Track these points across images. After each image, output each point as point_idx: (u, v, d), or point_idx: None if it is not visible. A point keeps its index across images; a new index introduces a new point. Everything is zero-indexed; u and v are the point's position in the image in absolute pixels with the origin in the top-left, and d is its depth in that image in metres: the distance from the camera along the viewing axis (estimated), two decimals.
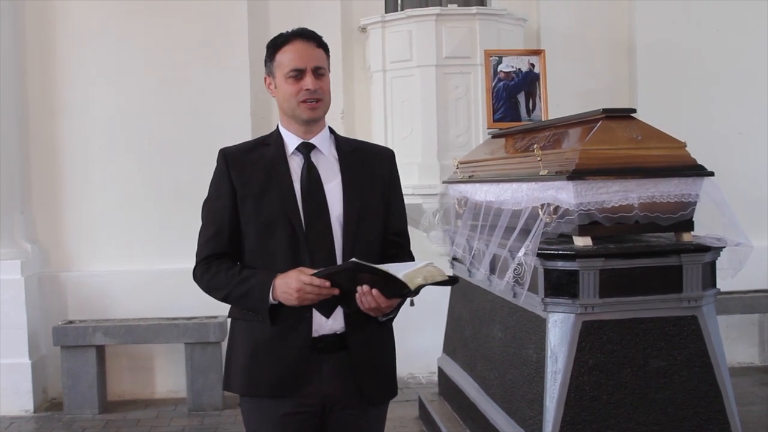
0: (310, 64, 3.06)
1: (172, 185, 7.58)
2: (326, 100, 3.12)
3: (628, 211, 4.05)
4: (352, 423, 3.14)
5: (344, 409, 3.11)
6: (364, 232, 3.10)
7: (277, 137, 3.19)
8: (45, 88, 7.58)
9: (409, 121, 7.33)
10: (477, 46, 7.15)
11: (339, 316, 3.04)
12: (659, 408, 4.04)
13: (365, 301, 2.86)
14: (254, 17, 7.68)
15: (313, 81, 3.05)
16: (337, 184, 3.11)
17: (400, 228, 3.30)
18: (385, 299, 2.85)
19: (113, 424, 6.81)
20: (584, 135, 4.30)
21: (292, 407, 3.06)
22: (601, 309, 4.04)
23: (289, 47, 3.10)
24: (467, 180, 5.61)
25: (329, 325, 3.04)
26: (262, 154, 3.15)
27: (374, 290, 2.84)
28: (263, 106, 7.67)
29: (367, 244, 3.11)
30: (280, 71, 3.10)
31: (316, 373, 3.05)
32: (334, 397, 3.08)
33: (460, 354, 5.86)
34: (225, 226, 3.11)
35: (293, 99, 3.07)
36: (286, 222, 3.04)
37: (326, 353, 3.05)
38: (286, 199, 3.05)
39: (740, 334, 8.04)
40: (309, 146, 3.14)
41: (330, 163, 3.16)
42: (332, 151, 3.19)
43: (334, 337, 3.06)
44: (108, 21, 7.61)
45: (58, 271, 7.60)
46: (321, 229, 3.05)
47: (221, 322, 7.03)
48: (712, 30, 8.06)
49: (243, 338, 3.15)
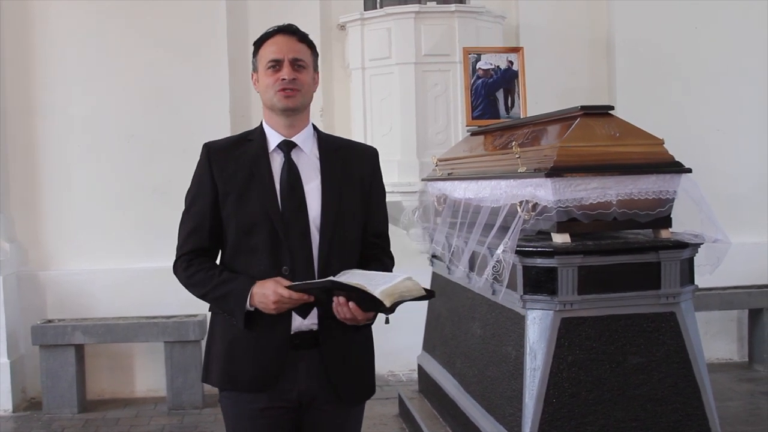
0: (288, 56, 3.09)
1: (151, 184, 7.57)
2: (304, 92, 3.13)
3: (607, 208, 4.05)
4: (328, 420, 3.16)
5: (320, 406, 3.12)
6: (341, 234, 3.10)
7: (259, 133, 3.19)
8: (22, 87, 7.52)
9: (389, 119, 7.33)
10: (456, 44, 7.16)
11: (314, 314, 3.04)
12: (638, 404, 4.06)
13: (341, 312, 2.88)
14: (233, 15, 7.65)
15: (289, 71, 3.07)
16: (316, 185, 3.11)
17: (380, 229, 3.30)
18: (362, 312, 2.87)
19: (93, 424, 6.78)
20: (562, 132, 4.30)
21: (268, 402, 3.08)
22: (579, 306, 4.04)
23: (270, 41, 3.14)
24: (446, 177, 5.61)
25: (306, 322, 3.05)
26: (245, 150, 3.15)
27: (351, 303, 2.85)
28: (242, 104, 7.64)
29: (344, 247, 3.12)
30: (261, 64, 3.14)
31: (292, 369, 3.06)
32: (309, 394, 3.10)
33: (440, 351, 5.86)
34: (206, 222, 3.12)
35: (270, 89, 3.10)
36: (267, 221, 3.04)
37: (301, 349, 3.06)
38: (267, 198, 3.05)
39: (719, 330, 8.09)
40: (290, 144, 3.14)
41: (311, 163, 3.16)
42: (314, 150, 3.19)
43: (310, 334, 3.07)
44: (86, 20, 7.56)
45: (36, 270, 7.56)
46: (300, 230, 3.05)
47: (201, 321, 7.02)
48: (690, 28, 8.10)
49: (222, 332, 3.16)
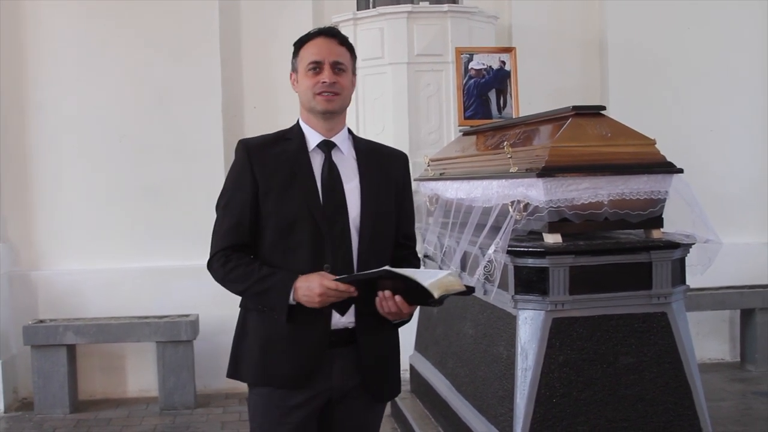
0: (329, 58, 3.11)
1: (143, 183, 7.55)
2: (344, 96, 3.15)
3: (598, 208, 4.06)
4: (354, 416, 3.19)
5: (349, 402, 3.16)
6: (378, 234, 3.14)
7: (298, 132, 3.20)
8: (14, 86, 7.49)
9: (381, 119, 7.33)
10: (448, 44, 7.17)
11: (351, 312, 3.07)
12: (629, 404, 4.06)
13: (386, 306, 2.91)
14: (226, 15, 7.64)
15: (330, 74, 3.09)
16: (355, 185, 3.15)
17: (409, 231, 3.36)
18: (408, 306, 2.91)
19: (84, 424, 6.76)
20: (554, 132, 4.30)
21: (302, 399, 3.10)
22: (571, 306, 4.04)
23: (311, 43, 3.16)
24: (438, 177, 5.61)
25: (342, 320, 3.07)
26: (284, 148, 3.16)
27: (397, 296, 2.88)
28: (234, 104, 7.66)
29: (381, 246, 3.16)
30: (301, 65, 3.16)
31: (328, 366, 3.09)
32: (341, 391, 3.13)
33: (432, 351, 5.86)
34: (245, 218, 3.11)
35: (310, 91, 3.12)
36: (310, 218, 3.05)
37: (338, 347, 3.08)
38: (309, 196, 3.07)
39: (711, 330, 8.08)
40: (330, 144, 3.17)
41: (349, 163, 3.19)
42: (351, 152, 3.22)
43: (346, 332, 3.10)
44: (78, 19, 7.54)
45: (28, 270, 7.53)
46: (340, 229, 3.08)
47: (193, 321, 7.00)
48: (682, 29, 8.11)
49: (256, 328, 3.16)
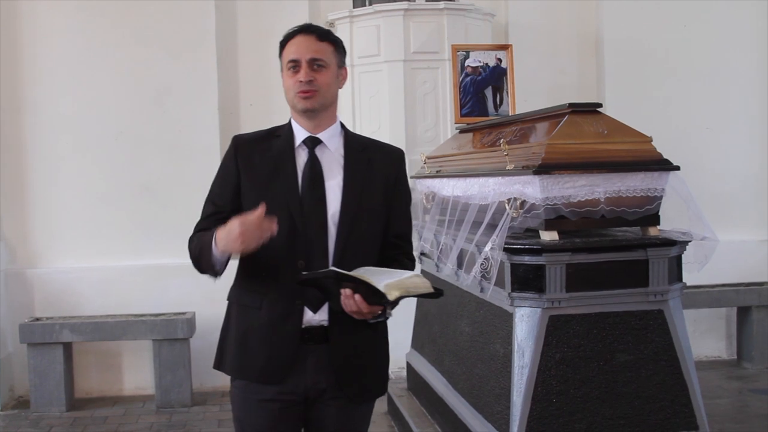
0: (306, 56, 3.10)
1: (139, 181, 7.55)
2: (323, 92, 3.13)
3: (595, 206, 4.05)
4: (333, 417, 3.17)
5: (327, 402, 3.15)
6: (359, 232, 3.12)
7: (287, 129, 3.22)
8: (10, 84, 7.48)
9: (377, 116, 7.35)
10: (445, 41, 7.18)
11: (325, 310, 3.07)
12: (626, 402, 4.06)
13: (347, 305, 2.90)
14: (222, 13, 7.64)
15: (306, 72, 3.08)
16: (338, 182, 3.14)
17: (401, 231, 3.32)
18: (367, 305, 2.88)
19: (81, 422, 6.75)
20: (550, 129, 4.30)
21: (275, 394, 3.10)
22: (567, 303, 4.04)
23: (291, 41, 3.16)
24: (435, 175, 5.61)
25: (316, 317, 3.08)
26: (272, 144, 3.19)
27: (357, 296, 2.86)
28: (231, 102, 7.65)
29: (362, 245, 3.14)
30: (283, 65, 3.17)
31: (301, 363, 3.08)
32: (316, 389, 3.12)
33: (429, 349, 5.86)
34: (226, 208, 3.15)
35: (291, 91, 3.13)
36: (287, 213, 3.05)
37: (311, 344, 3.08)
38: (289, 190, 3.09)
39: (708, 328, 8.08)
40: (315, 140, 3.17)
41: (334, 160, 3.18)
42: (339, 148, 3.21)
43: (320, 329, 3.09)
44: (74, 17, 7.53)
45: (24, 268, 7.52)
46: (318, 224, 3.08)
47: (189, 319, 7.00)
48: (679, 26, 8.11)
49: (237, 321, 3.19)
